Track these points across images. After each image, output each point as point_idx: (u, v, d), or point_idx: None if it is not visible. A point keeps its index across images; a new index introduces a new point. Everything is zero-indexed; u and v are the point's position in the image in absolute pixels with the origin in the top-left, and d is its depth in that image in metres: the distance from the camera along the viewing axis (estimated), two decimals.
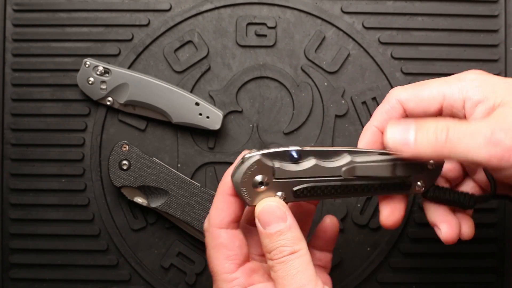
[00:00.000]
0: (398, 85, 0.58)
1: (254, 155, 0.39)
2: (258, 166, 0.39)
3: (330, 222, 0.46)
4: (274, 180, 0.39)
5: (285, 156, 0.39)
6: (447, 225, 0.43)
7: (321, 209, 0.57)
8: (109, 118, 0.58)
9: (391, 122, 0.40)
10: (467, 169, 0.45)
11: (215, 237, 0.41)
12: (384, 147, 0.41)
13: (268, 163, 0.39)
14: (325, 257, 0.46)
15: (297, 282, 0.38)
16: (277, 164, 0.39)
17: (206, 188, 0.55)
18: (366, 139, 0.43)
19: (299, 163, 0.40)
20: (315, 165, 0.39)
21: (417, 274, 0.57)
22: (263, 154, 0.39)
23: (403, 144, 0.39)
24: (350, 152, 0.40)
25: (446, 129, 0.38)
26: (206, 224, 0.42)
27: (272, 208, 0.39)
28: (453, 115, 0.41)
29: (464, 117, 0.40)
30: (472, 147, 0.37)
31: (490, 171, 0.41)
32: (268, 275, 0.41)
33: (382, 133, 0.43)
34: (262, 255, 0.43)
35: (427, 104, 0.41)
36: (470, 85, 0.40)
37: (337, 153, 0.40)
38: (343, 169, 0.40)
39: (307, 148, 0.40)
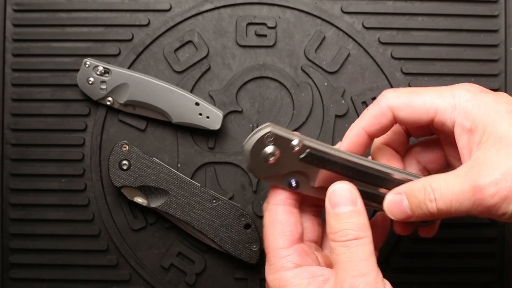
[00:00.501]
0: (398, 85, 0.58)
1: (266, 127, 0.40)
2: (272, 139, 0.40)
3: (381, 218, 0.46)
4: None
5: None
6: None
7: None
8: (109, 118, 0.58)
9: (387, 197, 0.41)
10: (449, 159, 0.46)
11: (272, 212, 0.41)
12: (371, 154, 0.43)
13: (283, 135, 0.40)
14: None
15: (359, 270, 0.37)
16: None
17: (206, 188, 0.55)
18: (351, 139, 0.43)
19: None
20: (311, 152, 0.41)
21: (417, 274, 0.57)
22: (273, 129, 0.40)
23: (404, 215, 0.40)
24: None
25: (434, 199, 0.38)
26: (264, 204, 0.43)
27: (344, 190, 0.39)
28: (444, 131, 0.41)
29: (453, 134, 0.41)
30: (462, 210, 0.38)
31: None
32: (321, 262, 0.42)
33: (368, 135, 0.43)
34: (316, 242, 0.43)
35: (419, 115, 0.41)
36: (463, 107, 0.40)
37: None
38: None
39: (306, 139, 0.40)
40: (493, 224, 0.57)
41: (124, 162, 0.54)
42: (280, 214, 0.41)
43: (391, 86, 0.57)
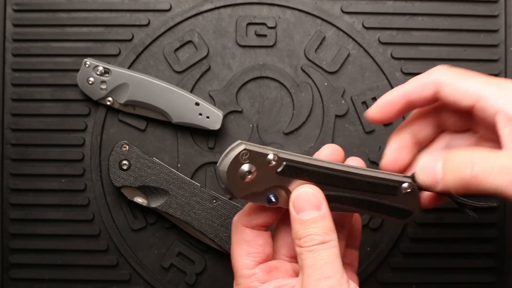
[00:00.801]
0: (398, 85, 0.58)
1: (238, 145, 0.39)
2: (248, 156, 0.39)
3: (354, 217, 0.46)
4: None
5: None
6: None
7: None
8: (109, 118, 0.58)
9: (422, 159, 0.40)
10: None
11: (239, 233, 0.41)
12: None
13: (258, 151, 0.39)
14: (351, 254, 0.46)
15: (323, 273, 0.37)
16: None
17: (206, 188, 0.55)
18: (389, 98, 0.43)
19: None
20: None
21: (417, 274, 0.57)
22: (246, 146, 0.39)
23: (432, 180, 0.39)
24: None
25: (471, 164, 0.37)
26: (234, 219, 0.42)
27: (308, 195, 0.39)
28: (483, 119, 0.40)
29: (492, 126, 0.40)
30: (499, 184, 0.36)
31: None
32: (292, 273, 0.41)
33: (406, 102, 0.42)
34: (293, 257, 0.42)
35: (461, 97, 0.40)
36: (509, 97, 0.39)
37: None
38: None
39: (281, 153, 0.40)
40: (493, 224, 0.57)
41: (124, 162, 0.54)
42: (247, 235, 0.41)
43: (391, 86, 0.57)
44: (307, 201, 0.39)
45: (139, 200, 0.55)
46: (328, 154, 0.43)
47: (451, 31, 0.58)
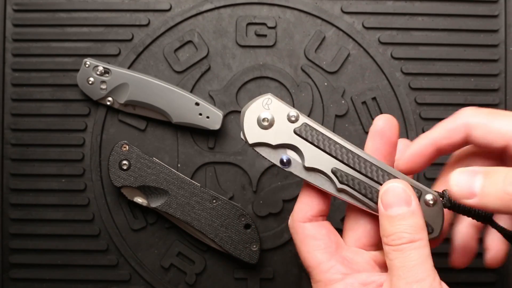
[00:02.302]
0: (398, 85, 0.58)
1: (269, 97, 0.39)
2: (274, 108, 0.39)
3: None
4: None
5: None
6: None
7: None
8: (109, 118, 0.58)
9: (458, 169, 0.37)
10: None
11: (300, 231, 0.39)
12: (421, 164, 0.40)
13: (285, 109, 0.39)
14: None
15: (415, 276, 0.35)
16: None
17: (206, 188, 0.55)
18: (418, 147, 0.41)
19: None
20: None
21: None
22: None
23: (468, 192, 0.36)
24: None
25: None
26: (290, 221, 0.40)
27: (397, 190, 0.37)
28: None
29: None
30: None
31: None
32: (374, 263, 0.39)
33: (436, 149, 0.40)
34: (372, 245, 0.41)
35: (494, 138, 0.38)
36: None
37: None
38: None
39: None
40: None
41: (124, 162, 0.54)
42: (309, 230, 0.39)
43: (391, 86, 0.57)
44: (396, 196, 0.37)
45: (139, 200, 0.55)
46: (383, 125, 0.40)
47: (451, 31, 0.58)
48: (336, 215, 0.57)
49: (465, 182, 0.36)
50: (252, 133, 0.39)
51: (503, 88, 0.58)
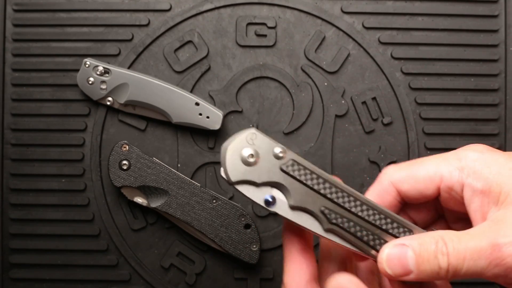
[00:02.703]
0: (398, 85, 0.58)
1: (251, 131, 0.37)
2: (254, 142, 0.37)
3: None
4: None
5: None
6: None
7: None
8: (109, 118, 0.58)
9: (385, 247, 0.36)
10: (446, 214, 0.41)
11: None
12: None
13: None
14: None
15: None
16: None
17: (206, 188, 0.55)
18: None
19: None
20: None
21: None
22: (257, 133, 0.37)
23: (403, 271, 0.35)
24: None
25: (446, 252, 0.34)
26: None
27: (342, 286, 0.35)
28: (452, 198, 0.37)
29: (461, 204, 0.37)
30: (475, 270, 0.34)
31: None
32: None
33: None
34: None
35: (423, 186, 0.37)
36: (471, 167, 0.36)
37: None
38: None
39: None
40: None
41: (124, 162, 0.54)
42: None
43: (391, 86, 0.57)
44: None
45: (139, 200, 0.55)
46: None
47: (451, 31, 0.58)
48: None
49: (397, 261, 0.35)
50: (235, 170, 0.37)
51: (503, 88, 0.58)
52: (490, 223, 0.34)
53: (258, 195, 0.38)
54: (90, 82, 0.56)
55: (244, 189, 0.38)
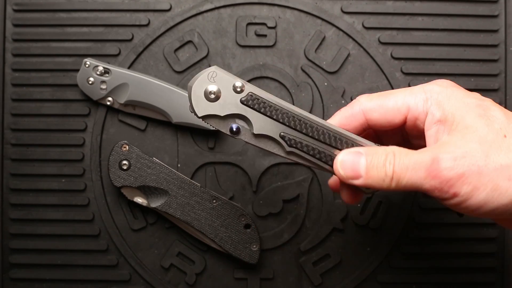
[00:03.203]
0: (398, 85, 0.58)
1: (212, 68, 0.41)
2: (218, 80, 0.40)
3: None
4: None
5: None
6: None
7: (321, 208, 0.57)
8: (109, 118, 0.58)
9: (343, 151, 0.41)
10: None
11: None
12: None
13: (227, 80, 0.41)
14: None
15: None
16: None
17: (206, 188, 0.55)
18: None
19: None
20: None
21: (417, 274, 0.57)
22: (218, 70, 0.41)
23: (354, 174, 0.40)
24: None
25: (393, 162, 0.38)
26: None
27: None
28: (416, 127, 0.41)
29: (423, 131, 0.41)
30: (415, 180, 0.38)
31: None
32: None
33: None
34: None
35: (392, 115, 0.41)
36: (434, 99, 0.40)
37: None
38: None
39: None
40: (493, 224, 0.57)
41: (124, 162, 0.54)
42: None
43: (391, 86, 0.58)
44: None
45: (139, 200, 0.55)
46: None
47: (451, 31, 0.58)
48: (336, 215, 0.57)
49: (351, 164, 0.40)
50: (200, 106, 0.41)
51: (503, 88, 0.58)
52: (437, 144, 0.39)
53: (223, 126, 0.42)
54: (90, 82, 0.56)
55: (211, 121, 0.41)
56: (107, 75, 0.56)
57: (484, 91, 0.58)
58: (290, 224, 0.57)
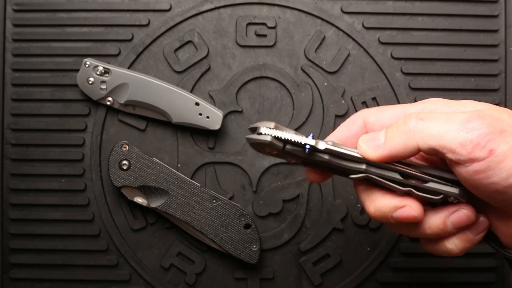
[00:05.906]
0: (398, 85, 0.58)
1: (267, 136, 0.39)
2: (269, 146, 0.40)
3: None
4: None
5: (298, 145, 0.39)
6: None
7: (321, 208, 0.57)
8: (109, 118, 0.58)
9: (364, 135, 0.40)
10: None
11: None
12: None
13: (279, 145, 0.39)
14: None
15: None
16: (288, 147, 0.40)
17: (206, 188, 0.55)
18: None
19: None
20: (327, 161, 0.40)
21: (417, 274, 0.57)
22: (275, 137, 0.39)
23: (374, 146, 0.39)
24: (367, 164, 0.40)
25: (416, 117, 0.38)
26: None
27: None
28: None
29: None
30: (446, 130, 0.36)
31: (455, 167, 0.38)
32: None
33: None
34: None
35: (388, 119, 0.41)
36: (434, 104, 0.40)
37: (354, 159, 0.40)
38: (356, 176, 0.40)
39: (323, 146, 0.39)
40: None
41: (124, 162, 0.54)
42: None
43: (391, 86, 0.58)
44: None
45: (139, 200, 0.55)
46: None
47: (451, 31, 0.58)
48: (336, 215, 0.57)
49: (371, 137, 0.39)
50: (265, 153, 0.41)
51: (503, 88, 0.58)
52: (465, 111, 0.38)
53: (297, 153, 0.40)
54: (90, 82, 0.56)
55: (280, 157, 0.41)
56: (107, 75, 0.56)
57: (484, 91, 0.58)
58: (290, 224, 0.57)
